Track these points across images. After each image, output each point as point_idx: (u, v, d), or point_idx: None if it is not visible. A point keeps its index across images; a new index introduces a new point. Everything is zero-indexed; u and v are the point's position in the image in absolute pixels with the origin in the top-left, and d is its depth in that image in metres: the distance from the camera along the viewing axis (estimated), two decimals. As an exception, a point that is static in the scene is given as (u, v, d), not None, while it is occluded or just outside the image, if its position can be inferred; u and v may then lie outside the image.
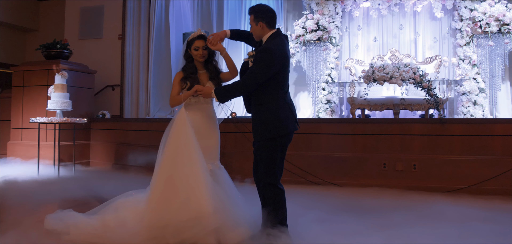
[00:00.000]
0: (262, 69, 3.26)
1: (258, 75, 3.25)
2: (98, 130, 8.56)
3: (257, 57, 3.31)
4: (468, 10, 7.49)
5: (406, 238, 3.57)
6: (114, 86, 9.82)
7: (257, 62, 3.28)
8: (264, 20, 3.42)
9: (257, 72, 3.26)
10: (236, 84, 3.34)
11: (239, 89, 3.33)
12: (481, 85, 7.43)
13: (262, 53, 3.30)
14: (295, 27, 7.89)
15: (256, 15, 3.44)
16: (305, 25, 7.64)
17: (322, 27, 7.54)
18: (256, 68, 3.27)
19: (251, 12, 3.48)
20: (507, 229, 3.89)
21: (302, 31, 7.61)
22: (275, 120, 3.36)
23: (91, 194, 5.45)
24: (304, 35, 7.60)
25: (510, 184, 5.52)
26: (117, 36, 9.80)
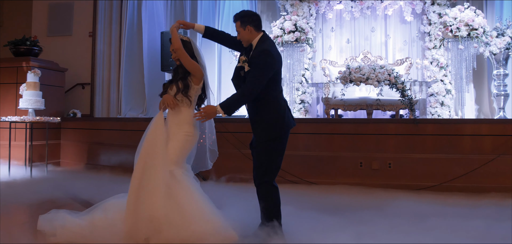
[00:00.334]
0: (263, 71, 3.31)
1: (261, 78, 3.30)
2: (69, 129, 8.35)
3: (257, 60, 3.34)
4: (436, 14, 7.81)
5: (373, 234, 3.69)
6: (84, 85, 9.59)
7: (258, 65, 3.32)
8: (252, 24, 3.49)
9: (260, 75, 3.30)
10: (241, 93, 3.33)
11: (245, 96, 3.33)
12: (448, 87, 7.76)
13: (261, 56, 3.34)
14: (273, 28, 7.97)
15: (242, 20, 3.50)
16: (283, 26, 7.74)
17: (300, 28, 7.66)
18: (258, 71, 3.31)
19: (237, 18, 3.53)
20: (466, 222, 4.09)
21: (280, 32, 7.71)
22: (277, 121, 3.43)
23: (69, 195, 5.35)
24: (282, 36, 7.70)
25: (478, 181, 5.81)
26: (87, 34, 9.58)
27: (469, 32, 6.85)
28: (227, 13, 9.39)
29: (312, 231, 3.72)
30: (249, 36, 3.51)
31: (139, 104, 9.69)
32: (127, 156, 7.56)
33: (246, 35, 3.51)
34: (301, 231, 3.68)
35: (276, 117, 3.42)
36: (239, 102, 3.33)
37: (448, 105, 7.76)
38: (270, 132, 3.41)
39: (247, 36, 3.51)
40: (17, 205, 4.75)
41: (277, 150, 3.44)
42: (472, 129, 6.00)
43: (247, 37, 3.52)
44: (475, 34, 6.81)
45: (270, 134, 3.41)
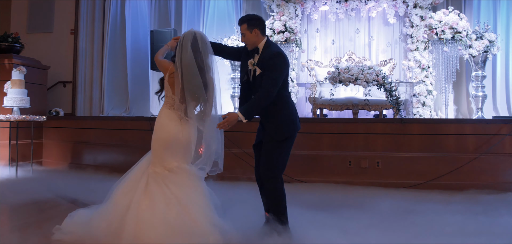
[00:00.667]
0: (279, 73, 3.38)
1: (278, 79, 3.37)
2: (51, 128, 8.18)
3: (271, 62, 3.40)
4: (418, 17, 8.05)
5: (355, 230, 3.81)
6: (66, 83, 9.41)
7: (273, 67, 3.38)
8: (258, 27, 3.55)
9: (276, 77, 3.36)
10: (259, 98, 3.36)
11: (264, 99, 3.36)
12: (429, 88, 8.01)
13: (276, 58, 3.41)
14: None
15: (249, 23, 3.54)
16: (273, 27, 7.82)
17: (290, 29, 7.76)
18: (274, 73, 3.36)
19: (244, 21, 3.57)
20: (442, 218, 4.30)
21: (270, 32, 7.78)
22: (289, 121, 3.52)
23: (61, 195, 5.24)
24: (272, 36, 7.77)
25: (461, 179, 6.03)
26: (69, 31, 9.39)
27: (453, 35, 7.10)
28: (211, 13, 9.41)
29: (298, 226, 3.75)
30: (255, 39, 3.55)
31: (122, 103, 9.58)
32: (113, 155, 7.51)
33: (252, 38, 3.55)
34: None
35: (287, 118, 3.51)
36: (258, 106, 3.37)
37: (429, 106, 8.01)
38: (282, 132, 3.49)
39: (253, 39, 3.55)
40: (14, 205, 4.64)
41: (286, 149, 3.53)
42: (456, 128, 6.22)
43: (253, 40, 3.56)
44: (459, 37, 7.07)
45: (282, 134, 3.48)
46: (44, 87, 8.36)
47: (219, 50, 3.82)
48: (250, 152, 6.38)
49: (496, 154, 6.06)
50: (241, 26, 3.58)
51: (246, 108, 3.36)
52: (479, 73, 7.82)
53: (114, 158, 7.51)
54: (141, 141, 7.26)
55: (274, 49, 3.50)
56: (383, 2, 8.28)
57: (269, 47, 3.53)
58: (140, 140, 7.29)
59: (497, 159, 6.05)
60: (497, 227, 4.01)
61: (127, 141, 7.43)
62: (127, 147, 7.39)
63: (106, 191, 5.34)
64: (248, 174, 6.07)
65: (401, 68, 8.43)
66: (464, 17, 7.36)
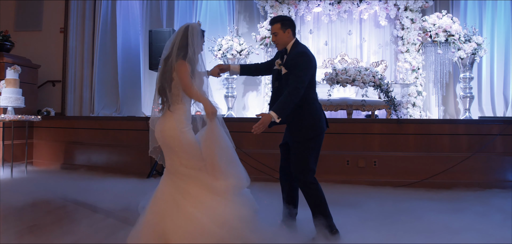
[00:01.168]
0: (306, 72, 3.42)
1: (304, 77, 3.39)
2: (42, 128, 8.04)
3: (297, 60, 3.44)
4: (409, 20, 8.24)
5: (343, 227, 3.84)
6: (55, 82, 9.27)
7: (299, 66, 3.42)
8: (290, 27, 3.61)
9: (303, 75, 3.39)
10: (288, 95, 3.34)
11: (293, 97, 3.35)
12: (419, 89, 8.21)
13: (302, 57, 3.46)
14: (260, 29, 8.10)
15: (283, 23, 3.60)
16: (270, 28, 7.86)
17: (288, 30, 7.82)
18: (300, 72, 3.39)
19: (278, 20, 3.63)
20: (428, 216, 4.43)
21: (267, 33, 7.84)
22: (316, 120, 3.54)
23: (61, 195, 5.18)
24: (269, 37, 7.83)
25: (455, 177, 6.21)
26: (58, 29, 9.26)
27: (447, 37, 7.30)
28: (204, 13, 9.40)
29: (297, 224, 3.80)
30: (287, 39, 3.61)
31: (112, 103, 9.50)
32: (107, 155, 7.45)
33: (284, 38, 3.61)
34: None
35: (314, 119, 3.53)
36: (288, 104, 3.35)
37: (419, 106, 8.21)
38: (309, 132, 3.52)
39: (285, 39, 3.61)
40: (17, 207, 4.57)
41: (314, 149, 3.55)
42: (450, 128, 6.41)
43: (284, 40, 3.62)
44: (452, 40, 7.27)
45: (308, 134, 3.52)
46: (34, 86, 8.22)
47: (258, 70, 3.93)
48: (251, 152, 6.45)
49: (487, 153, 6.27)
50: (274, 26, 3.63)
51: (277, 108, 3.33)
52: (467, 75, 8.04)
53: (109, 158, 7.45)
54: (136, 140, 7.23)
55: (300, 48, 3.56)
56: (375, 4, 8.44)
57: (296, 47, 3.59)
58: (134, 140, 7.25)
59: (489, 158, 6.26)
60: (483, 224, 4.13)
61: (121, 141, 7.38)
62: (121, 147, 7.35)
63: (107, 191, 5.38)
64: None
65: (392, 70, 8.61)
66: (456, 21, 7.57)
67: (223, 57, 8.44)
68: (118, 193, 5.35)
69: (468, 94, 8.06)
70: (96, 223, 4.00)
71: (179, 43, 3.26)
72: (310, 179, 3.54)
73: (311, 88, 3.55)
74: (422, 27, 7.68)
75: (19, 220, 4.05)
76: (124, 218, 4.20)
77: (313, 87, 3.58)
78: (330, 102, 7.41)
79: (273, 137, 6.10)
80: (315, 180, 3.58)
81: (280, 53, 3.71)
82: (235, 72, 3.92)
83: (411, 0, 8.18)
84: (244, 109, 9.35)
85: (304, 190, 3.57)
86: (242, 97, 9.34)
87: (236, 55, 8.37)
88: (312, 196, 3.54)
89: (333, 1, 8.48)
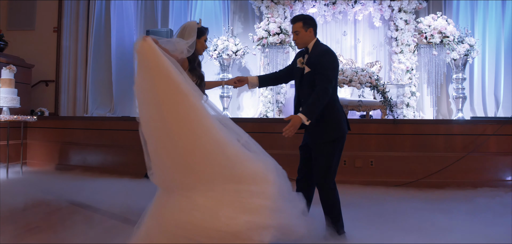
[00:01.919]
0: (332, 71, 3.43)
1: (331, 77, 3.40)
2: (36, 128, 7.97)
3: (322, 60, 3.43)
4: (403, 21, 8.33)
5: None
6: (48, 82, 9.19)
7: (325, 65, 3.41)
8: (312, 26, 3.60)
9: (330, 74, 3.39)
10: (317, 96, 3.33)
11: (322, 98, 3.34)
12: (412, 89, 8.31)
13: (326, 56, 3.47)
14: (258, 29, 8.12)
15: (305, 22, 3.58)
16: (268, 28, 7.90)
17: (285, 31, 7.86)
18: (327, 71, 3.39)
19: (299, 19, 3.60)
20: (414, 216, 4.51)
21: (265, 34, 7.86)
22: (337, 123, 3.53)
23: (60, 197, 5.15)
24: (267, 37, 7.85)
25: (450, 177, 6.31)
26: (52, 29, 9.18)
27: (442, 39, 7.40)
28: (198, 13, 9.39)
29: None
30: (308, 38, 3.59)
31: (106, 103, 9.45)
32: (104, 156, 7.42)
33: (306, 37, 3.59)
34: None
35: (337, 120, 3.51)
36: (318, 105, 3.33)
37: (413, 107, 8.31)
38: (332, 133, 3.50)
39: (306, 38, 3.59)
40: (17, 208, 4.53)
41: (336, 152, 3.54)
42: (445, 129, 6.50)
43: (306, 39, 3.60)
44: (447, 41, 7.38)
45: (331, 136, 3.50)
46: (28, 86, 8.16)
47: (278, 79, 3.89)
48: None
49: (482, 153, 6.37)
50: (296, 24, 3.60)
51: (307, 110, 3.32)
52: (459, 76, 8.16)
53: (104, 158, 7.42)
54: (132, 141, 7.20)
55: (323, 47, 3.55)
56: (369, 5, 8.52)
57: (319, 46, 3.58)
58: (131, 140, 7.23)
59: (483, 157, 6.37)
60: (471, 223, 4.21)
61: (117, 141, 7.35)
62: (117, 148, 7.32)
63: (105, 192, 5.37)
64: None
65: (387, 71, 8.70)
66: (451, 22, 7.68)
67: (219, 58, 8.45)
68: (117, 193, 5.36)
69: (460, 95, 8.18)
70: (99, 225, 3.99)
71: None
72: (331, 184, 3.54)
73: (333, 89, 3.51)
74: (417, 28, 7.77)
75: (21, 222, 4.02)
76: (125, 219, 4.20)
77: (334, 88, 3.55)
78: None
79: (268, 137, 6.17)
80: (335, 184, 3.58)
81: (300, 53, 3.71)
82: (254, 85, 3.84)
83: (405, 2, 8.27)
84: (239, 110, 9.36)
85: (323, 194, 3.56)
86: (237, 98, 9.36)
87: (232, 55, 8.38)
88: (329, 200, 3.54)
89: (328, 2, 8.54)
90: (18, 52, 8.58)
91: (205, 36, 3.54)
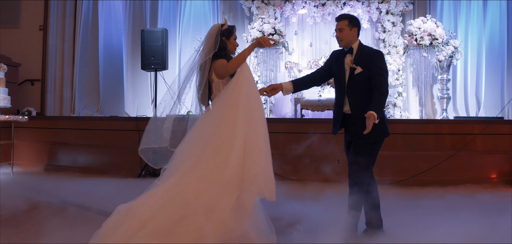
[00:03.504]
0: (387, 72, 3.58)
1: (387, 77, 3.55)
2: (23, 128, 7.80)
3: (377, 61, 3.55)
4: (390, 23, 8.53)
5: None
6: (34, 81, 9.01)
7: (381, 67, 3.54)
8: (357, 26, 3.66)
9: (386, 76, 3.55)
10: (380, 95, 3.44)
11: (384, 97, 3.47)
12: (399, 90, 8.52)
13: (380, 56, 3.60)
14: (251, 30, 8.16)
15: (350, 21, 3.65)
16: (262, 29, 7.95)
17: (278, 32, 7.94)
18: (384, 72, 3.54)
19: (345, 17, 3.67)
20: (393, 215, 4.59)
21: (259, 34, 7.92)
22: (383, 123, 3.62)
23: (59, 198, 5.09)
24: (261, 38, 7.91)
25: (440, 175, 6.50)
26: (37, 27, 9.01)
27: (431, 41, 7.62)
28: (188, 13, 9.38)
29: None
30: (352, 38, 3.65)
31: (93, 103, 9.33)
32: (95, 156, 7.34)
33: (350, 36, 3.64)
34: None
35: (382, 120, 3.57)
36: (382, 104, 3.45)
37: (400, 107, 8.52)
38: (378, 133, 3.60)
39: (350, 37, 3.65)
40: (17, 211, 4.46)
41: (376, 151, 3.71)
42: (434, 128, 6.70)
43: (349, 39, 3.65)
44: (436, 43, 7.60)
45: (377, 135, 3.61)
46: (15, 85, 7.99)
47: (311, 82, 3.94)
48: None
49: (469, 151, 6.60)
50: (341, 22, 3.65)
51: (377, 109, 3.38)
52: (444, 77, 8.37)
53: (96, 159, 7.35)
54: (123, 141, 7.17)
55: (372, 48, 3.67)
56: (357, 7, 8.68)
57: (366, 47, 3.68)
58: (122, 140, 7.19)
59: (471, 156, 6.59)
60: (452, 220, 4.30)
61: (109, 141, 7.29)
62: (109, 148, 7.27)
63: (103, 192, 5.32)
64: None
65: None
66: (440, 25, 7.89)
67: (210, 57, 8.44)
68: (114, 193, 5.30)
69: (445, 95, 8.39)
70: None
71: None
72: (371, 179, 3.67)
73: None
74: (408, 30, 7.96)
75: (23, 224, 3.95)
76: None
77: None
78: (321, 102, 7.59)
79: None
80: (374, 180, 3.71)
81: (338, 54, 3.78)
82: (288, 91, 3.87)
83: (393, 4, 8.47)
84: (228, 110, 9.37)
85: (365, 189, 3.63)
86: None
87: (223, 55, 8.40)
88: (373, 196, 3.67)
89: (318, 3, 8.67)
90: (2, 50, 8.39)
91: (234, 35, 3.58)
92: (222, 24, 3.54)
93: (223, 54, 3.45)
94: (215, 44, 3.42)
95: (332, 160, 6.58)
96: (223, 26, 3.52)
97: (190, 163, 3.19)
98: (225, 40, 3.48)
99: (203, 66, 3.41)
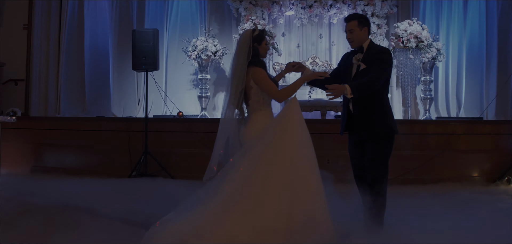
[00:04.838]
0: (387, 68, 3.61)
1: (385, 73, 3.57)
2: (8, 129, 7.64)
3: (383, 57, 3.60)
4: (375, 25, 8.71)
5: None
6: (18, 81, 8.86)
7: (384, 61, 3.57)
8: (367, 26, 3.71)
9: (384, 70, 3.56)
10: (368, 80, 3.46)
11: (371, 85, 3.45)
12: (384, 91, 8.72)
13: (385, 53, 3.66)
14: (241, 31, 8.22)
15: (360, 21, 3.69)
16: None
17: (269, 33, 8.02)
18: (384, 65, 3.56)
19: (354, 18, 3.71)
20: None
21: (249, 35, 7.97)
22: (392, 120, 3.68)
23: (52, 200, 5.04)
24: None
25: (425, 174, 6.67)
26: (21, 26, 8.86)
27: (417, 43, 7.82)
28: (175, 14, 9.36)
29: None
30: (363, 37, 3.69)
31: (79, 103, 9.22)
32: (84, 157, 7.28)
33: (361, 36, 3.68)
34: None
35: (390, 117, 3.65)
36: (365, 89, 3.47)
37: (386, 107, 8.71)
38: (388, 130, 3.66)
39: (361, 36, 3.68)
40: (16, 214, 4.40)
41: (389, 149, 3.74)
42: (420, 128, 6.90)
43: (361, 38, 3.68)
44: (422, 46, 7.81)
45: (387, 132, 3.66)
46: (-1, 85, 7.86)
47: (327, 81, 3.85)
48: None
49: (454, 150, 6.81)
50: (351, 23, 3.68)
51: (354, 85, 3.43)
52: (427, 78, 8.58)
53: (84, 159, 7.30)
54: (112, 141, 7.15)
55: (380, 46, 3.78)
56: (344, 9, 8.82)
57: (376, 45, 3.75)
58: (111, 140, 7.16)
59: (455, 155, 6.81)
60: (422, 218, 4.45)
61: (97, 142, 7.24)
62: (98, 148, 7.22)
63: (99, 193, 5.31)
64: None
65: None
66: (425, 28, 8.10)
67: (198, 58, 8.47)
68: (111, 194, 5.31)
69: (428, 96, 8.60)
70: (106, 227, 3.95)
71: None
72: (385, 181, 3.73)
73: (385, 89, 3.68)
74: (394, 33, 8.15)
75: (31, 227, 3.91)
76: (126, 220, 4.20)
77: (387, 88, 3.73)
78: (310, 103, 7.70)
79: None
80: (385, 190, 3.76)
81: (350, 54, 3.84)
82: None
83: (378, 6, 8.65)
84: (214, 110, 9.41)
85: (377, 188, 3.71)
86: (213, 98, 9.40)
87: (211, 56, 8.44)
88: (383, 199, 3.73)
89: (305, 5, 8.78)
90: (-16, 49, 8.26)
91: (265, 39, 3.65)
92: (253, 30, 3.63)
93: (257, 61, 3.57)
94: (249, 53, 3.53)
95: (321, 160, 6.67)
96: (254, 32, 3.60)
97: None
98: (257, 46, 3.57)
99: (238, 73, 3.53)
